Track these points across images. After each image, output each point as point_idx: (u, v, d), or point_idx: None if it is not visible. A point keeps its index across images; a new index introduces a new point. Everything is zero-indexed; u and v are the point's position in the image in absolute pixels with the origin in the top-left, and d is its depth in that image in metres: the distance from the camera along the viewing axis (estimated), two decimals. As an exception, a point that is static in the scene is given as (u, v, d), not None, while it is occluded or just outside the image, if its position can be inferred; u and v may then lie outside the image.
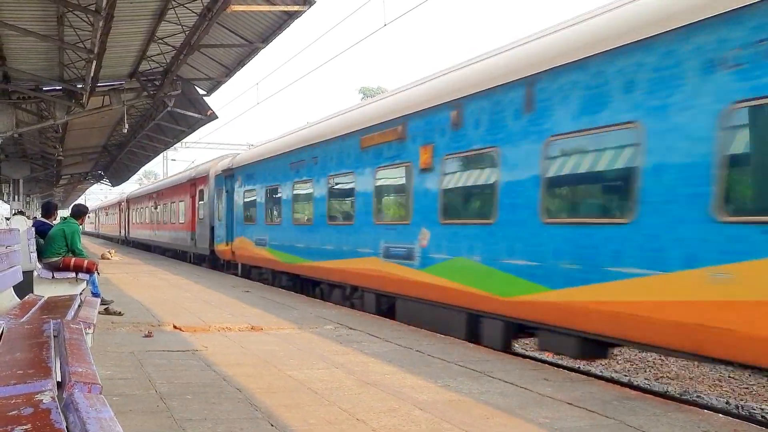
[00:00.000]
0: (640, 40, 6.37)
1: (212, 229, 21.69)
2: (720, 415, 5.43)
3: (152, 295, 12.81)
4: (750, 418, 7.60)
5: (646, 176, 6.23)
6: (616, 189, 7.05)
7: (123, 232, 46.36)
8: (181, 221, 26.81)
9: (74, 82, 16.67)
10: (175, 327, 9.01)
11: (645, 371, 10.80)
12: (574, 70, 7.13)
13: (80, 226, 10.82)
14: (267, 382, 5.94)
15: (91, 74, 14.75)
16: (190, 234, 24.85)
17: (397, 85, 12.69)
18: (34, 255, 9.00)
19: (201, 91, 20.44)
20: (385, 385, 5.93)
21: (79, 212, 11.16)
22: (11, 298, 6.14)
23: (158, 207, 32.23)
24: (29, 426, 2.04)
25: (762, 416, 8.14)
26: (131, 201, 42.92)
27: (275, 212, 16.19)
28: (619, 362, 11.26)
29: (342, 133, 12.50)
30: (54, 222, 11.52)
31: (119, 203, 49.55)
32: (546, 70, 7.49)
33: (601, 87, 6.79)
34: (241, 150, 24.94)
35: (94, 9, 11.30)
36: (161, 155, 46.64)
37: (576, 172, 7.34)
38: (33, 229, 9.55)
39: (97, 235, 65.06)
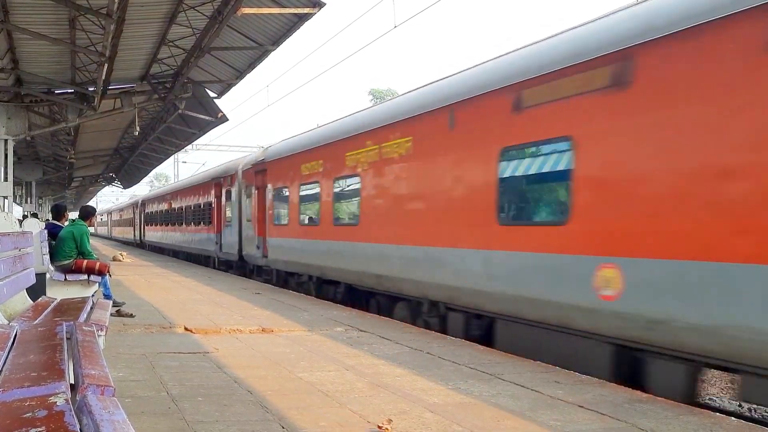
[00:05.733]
0: None
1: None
2: (732, 418, 5.39)
3: (163, 297, 12.87)
4: (762, 422, 7.54)
5: None
6: None
7: (109, 232, 71.61)
8: (128, 227, 52.40)
9: (86, 85, 16.80)
10: (186, 329, 9.05)
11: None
12: None
13: (89, 228, 10.85)
14: (278, 384, 5.96)
15: (103, 77, 14.85)
16: (133, 231, 49.18)
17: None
18: (47, 257, 9.07)
19: (212, 94, 20.50)
20: (395, 387, 5.94)
21: (88, 213, 11.15)
22: (24, 301, 6.18)
23: (121, 217, 59.58)
24: (43, 428, 2.05)
25: (775, 419, 8.08)
26: (112, 213, 69.25)
27: (154, 222, 38.90)
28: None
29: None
30: (65, 224, 11.57)
31: (108, 213, 74.77)
32: None
33: None
34: (251, 150, 29.05)
35: (105, 13, 11.37)
36: (172, 157, 47.22)
37: None
38: (45, 231, 9.62)
39: (92, 234, 75.82)
